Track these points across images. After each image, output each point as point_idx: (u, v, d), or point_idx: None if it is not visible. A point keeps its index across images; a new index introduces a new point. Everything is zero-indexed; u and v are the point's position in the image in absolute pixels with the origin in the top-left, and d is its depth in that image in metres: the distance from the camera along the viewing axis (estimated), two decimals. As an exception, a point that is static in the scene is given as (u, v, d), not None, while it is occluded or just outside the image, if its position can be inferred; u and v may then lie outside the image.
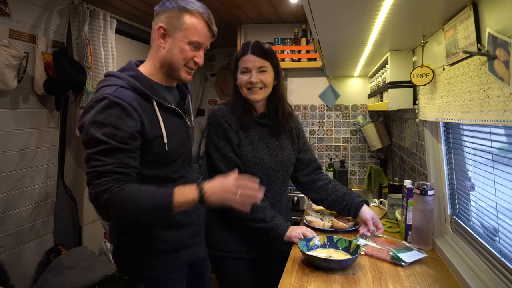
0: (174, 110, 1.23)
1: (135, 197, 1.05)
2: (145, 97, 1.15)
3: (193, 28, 1.16)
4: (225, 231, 1.55)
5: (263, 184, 1.55)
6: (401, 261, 1.33)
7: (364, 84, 3.12)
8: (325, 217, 1.78)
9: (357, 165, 3.16)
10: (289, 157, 1.62)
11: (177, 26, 1.15)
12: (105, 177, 1.03)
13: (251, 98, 1.50)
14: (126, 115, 1.07)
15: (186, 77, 1.22)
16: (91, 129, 1.05)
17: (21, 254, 2.26)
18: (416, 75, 1.44)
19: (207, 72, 4.30)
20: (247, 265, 1.57)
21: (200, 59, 1.21)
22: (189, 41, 1.16)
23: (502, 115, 0.85)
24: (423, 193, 1.45)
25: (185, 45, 1.16)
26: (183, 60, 1.18)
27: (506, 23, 0.84)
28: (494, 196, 1.12)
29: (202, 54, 1.22)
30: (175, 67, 1.19)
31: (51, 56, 2.27)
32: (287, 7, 2.77)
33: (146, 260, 1.22)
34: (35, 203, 2.36)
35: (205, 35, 1.19)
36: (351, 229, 1.67)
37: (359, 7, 1.13)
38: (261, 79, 1.48)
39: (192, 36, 1.16)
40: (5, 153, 2.14)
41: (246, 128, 1.52)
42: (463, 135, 1.37)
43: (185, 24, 1.15)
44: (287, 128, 1.64)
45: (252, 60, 1.47)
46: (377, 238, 1.52)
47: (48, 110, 2.41)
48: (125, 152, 1.07)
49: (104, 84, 1.14)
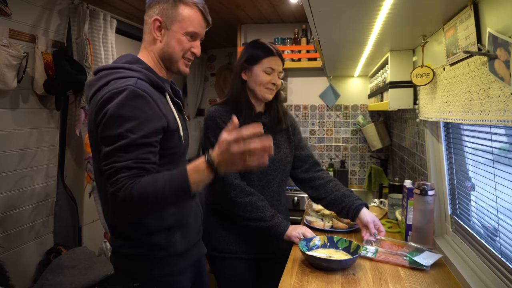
0: (178, 104, 1.22)
1: (150, 191, 0.97)
2: (160, 89, 1.13)
3: (188, 19, 1.14)
4: (224, 232, 1.56)
5: (262, 184, 1.55)
6: (421, 266, 1.30)
7: (364, 84, 3.12)
8: (326, 217, 1.78)
9: (357, 165, 3.16)
10: (286, 155, 1.63)
11: (172, 18, 1.13)
12: (123, 172, 0.97)
13: (266, 97, 1.54)
14: (150, 109, 1.04)
15: (185, 69, 1.21)
16: (116, 123, 0.98)
17: (21, 254, 2.26)
18: (417, 75, 1.43)
19: (207, 72, 4.30)
20: (247, 265, 1.57)
21: (197, 50, 1.20)
22: (185, 31, 1.15)
23: (502, 115, 0.85)
24: (424, 193, 1.45)
25: (182, 36, 1.15)
26: (181, 51, 1.16)
27: (507, 23, 0.84)
28: (494, 196, 1.12)
29: (198, 44, 1.20)
30: (174, 59, 1.17)
31: (51, 56, 2.27)
32: (287, 7, 2.77)
33: (156, 265, 1.16)
34: (35, 203, 2.36)
35: (200, 25, 1.18)
36: (351, 229, 1.67)
37: (359, 7, 1.12)
38: (279, 82, 1.56)
39: (188, 26, 1.15)
40: (5, 153, 2.14)
41: (244, 123, 1.51)
42: (463, 135, 1.37)
43: (181, 15, 1.14)
44: (284, 127, 1.66)
45: (278, 63, 1.54)
46: (383, 242, 1.51)
47: (48, 110, 2.41)
48: (147, 147, 1.02)
49: (116, 76, 1.07)
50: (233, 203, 1.47)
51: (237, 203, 1.47)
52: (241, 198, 1.47)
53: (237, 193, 1.47)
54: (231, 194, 1.47)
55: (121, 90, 1.01)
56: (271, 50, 1.53)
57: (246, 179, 1.53)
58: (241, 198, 1.47)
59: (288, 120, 1.69)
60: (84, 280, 2.21)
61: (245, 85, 1.54)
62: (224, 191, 1.48)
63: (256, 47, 1.55)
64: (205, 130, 1.54)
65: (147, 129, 1.01)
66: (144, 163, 1.00)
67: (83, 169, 2.62)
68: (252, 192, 1.49)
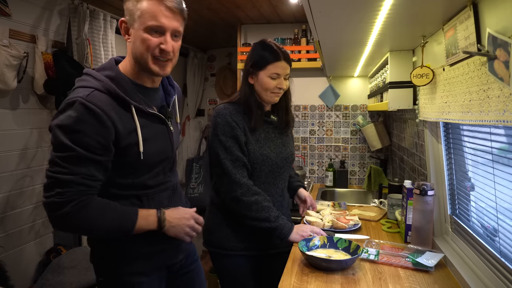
0: (155, 115, 1.15)
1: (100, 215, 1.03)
2: (122, 102, 1.06)
3: (147, 12, 1.04)
4: (229, 230, 1.56)
5: (269, 181, 1.58)
6: (425, 267, 1.30)
7: (364, 84, 3.12)
8: (325, 217, 1.78)
9: (357, 165, 3.16)
10: (292, 153, 1.68)
11: (133, 15, 1.06)
12: (69, 187, 0.97)
13: (272, 101, 1.56)
14: (98, 123, 0.99)
15: (157, 69, 1.09)
16: (59, 133, 0.98)
17: (21, 254, 2.26)
18: (416, 75, 1.44)
19: (207, 72, 4.30)
20: (252, 262, 1.59)
21: (167, 45, 1.07)
22: (145, 26, 1.04)
23: (502, 115, 0.85)
24: (423, 193, 1.45)
25: (144, 34, 1.05)
26: (147, 50, 1.06)
27: (506, 23, 0.84)
28: (494, 196, 1.12)
29: (168, 39, 1.07)
30: (142, 60, 1.08)
31: (51, 56, 2.27)
32: (287, 7, 2.77)
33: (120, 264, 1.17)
34: (35, 203, 2.36)
35: (164, 16, 1.05)
36: (351, 229, 1.68)
37: (359, 8, 1.13)
38: (286, 85, 1.57)
39: (148, 20, 1.04)
40: (5, 153, 2.14)
41: (255, 126, 1.54)
42: (463, 135, 1.37)
43: (139, 9, 1.04)
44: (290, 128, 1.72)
45: (284, 67, 1.53)
46: (382, 245, 1.51)
47: (48, 110, 2.41)
48: (94, 163, 1.01)
49: (80, 84, 1.06)
50: (239, 201, 1.47)
51: (243, 201, 1.47)
52: (247, 197, 1.47)
53: (244, 192, 1.47)
54: (237, 192, 1.47)
55: (72, 101, 1.00)
56: (278, 55, 1.51)
57: (255, 176, 1.54)
58: (247, 197, 1.47)
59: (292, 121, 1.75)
60: (84, 280, 2.21)
61: (253, 87, 1.55)
62: (230, 188, 1.48)
63: (264, 49, 1.53)
64: (213, 128, 1.52)
65: (93, 143, 0.99)
66: (91, 179, 1.01)
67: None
68: (258, 191, 1.50)
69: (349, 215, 1.89)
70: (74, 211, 0.98)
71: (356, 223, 1.74)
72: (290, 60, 1.56)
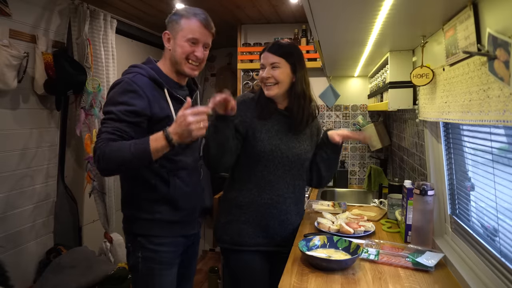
0: (181, 100, 1.45)
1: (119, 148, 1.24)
2: (159, 84, 1.41)
3: (188, 28, 1.41)
4: (243, 225, 1.56)
5: (278, 173, 1.58)
6: (426, 267, 1.29)
7: (364, 84, 3.12)
8: (338, 221, 1.75)
9: (357, 165, 3.16)
10: (306, 151, 1.64)
11: (176, 30, 1.43)
12: (102, 135, 1.27)
13: (266, 93, 1.57)
14: (136, 96, 1.33)
15: (190, 71, 1.46)
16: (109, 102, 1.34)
17: (21, 254, 2.26)
18: (416, 75, 1.44)
19: (207, 72, 4.30)
20: (264, 257, 1.58)
21: (199, 53, 1.44)
22: (186, 38, 1.41)
23: (502, 115, 0.85)
24: (423, 193, 1.45)
25: (184, 43, 1.42)
26: (183, 55, 1.42)
27: (506, 23, 0.84)
28: (494, 196, 1.12)
29: (200, 49, 1.45)
30: (179, 62, 1.44)
31: (51, 56, 2.27)
32: (287, 7, 2.78)
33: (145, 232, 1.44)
34: (35, 203, 2.36)
35: (200, 32, 1.43)
36: (356, 235, 1.64)
37: (359, 7, 1.13)
38: (273, 74, 1.54)
39: (188, 34, 1.41)
40: (5, 153, 2.14)
41: (263, 117, 1.57)
42: (463, 135, 1.37)
43: (182, 26, 1.42)
44: (308, 127, 1.66)
45: (265, 57, 1.57)
46: (382, 244, 1.51)
47: (48, 110, 2.41)
48: (127, 122, 1.31)
49: (128, 71, 1.42)
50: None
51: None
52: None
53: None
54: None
55: (119, 81, 1.37)
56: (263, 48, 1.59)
57: (262, 165, 1.55)
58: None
59: (315, 124, 1.72)
60: (84, 280, 2.21)
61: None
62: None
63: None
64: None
65: (130, 109, 1.31)
66: (122, 132, 1.29)
67: (83, 169, 2.61)
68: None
69: (364, 221, 1.83)
70: (103, 147, 1.25)
71: (368, 229, 1.69)
72: (277, 50, 1.55)
